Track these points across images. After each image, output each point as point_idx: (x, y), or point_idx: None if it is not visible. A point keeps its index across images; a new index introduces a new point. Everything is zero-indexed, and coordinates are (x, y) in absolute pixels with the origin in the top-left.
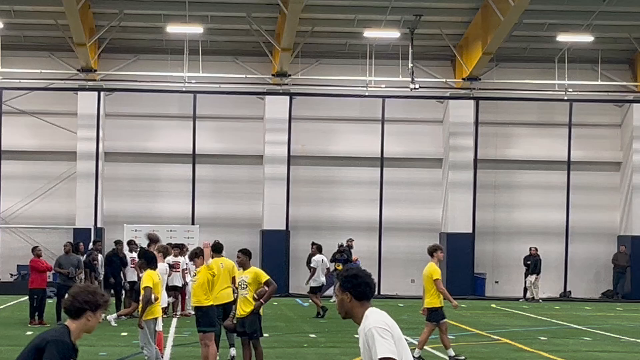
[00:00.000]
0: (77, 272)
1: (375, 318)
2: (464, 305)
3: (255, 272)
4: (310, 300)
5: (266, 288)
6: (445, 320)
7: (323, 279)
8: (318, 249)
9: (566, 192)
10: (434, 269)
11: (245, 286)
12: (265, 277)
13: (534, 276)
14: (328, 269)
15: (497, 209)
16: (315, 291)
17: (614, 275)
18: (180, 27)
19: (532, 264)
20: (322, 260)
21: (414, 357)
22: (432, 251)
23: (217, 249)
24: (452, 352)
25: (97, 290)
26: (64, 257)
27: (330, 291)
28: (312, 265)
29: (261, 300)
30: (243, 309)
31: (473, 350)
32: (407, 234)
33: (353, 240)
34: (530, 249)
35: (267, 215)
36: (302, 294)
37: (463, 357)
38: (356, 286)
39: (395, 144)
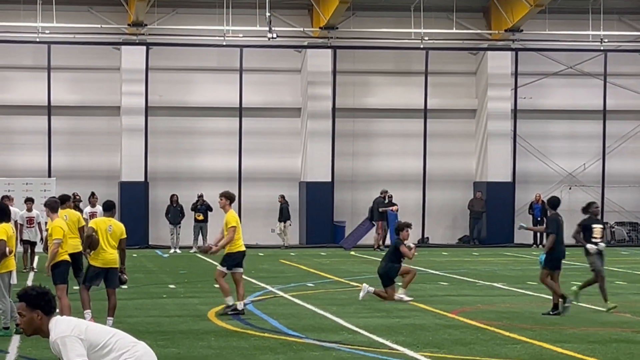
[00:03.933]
0: None
1: (61, 328)
2: (323, 254)
3: None
4: (170, 251)
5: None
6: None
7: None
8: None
9: (423, 140)
10: None
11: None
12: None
13: (282, 223)
14: None
15: (355, 157)
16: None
17: (470, 221)
18: None
19: (280, 211)
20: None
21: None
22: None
23: (108, 207)
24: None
25: None
26: None
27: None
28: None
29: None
30: None
31: (332, 297)
32: (267, 183)
33: (387, 192)
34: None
35: (125, 167)
36: (162, 245)
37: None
38: (47, 302)
39: (254, 93)
